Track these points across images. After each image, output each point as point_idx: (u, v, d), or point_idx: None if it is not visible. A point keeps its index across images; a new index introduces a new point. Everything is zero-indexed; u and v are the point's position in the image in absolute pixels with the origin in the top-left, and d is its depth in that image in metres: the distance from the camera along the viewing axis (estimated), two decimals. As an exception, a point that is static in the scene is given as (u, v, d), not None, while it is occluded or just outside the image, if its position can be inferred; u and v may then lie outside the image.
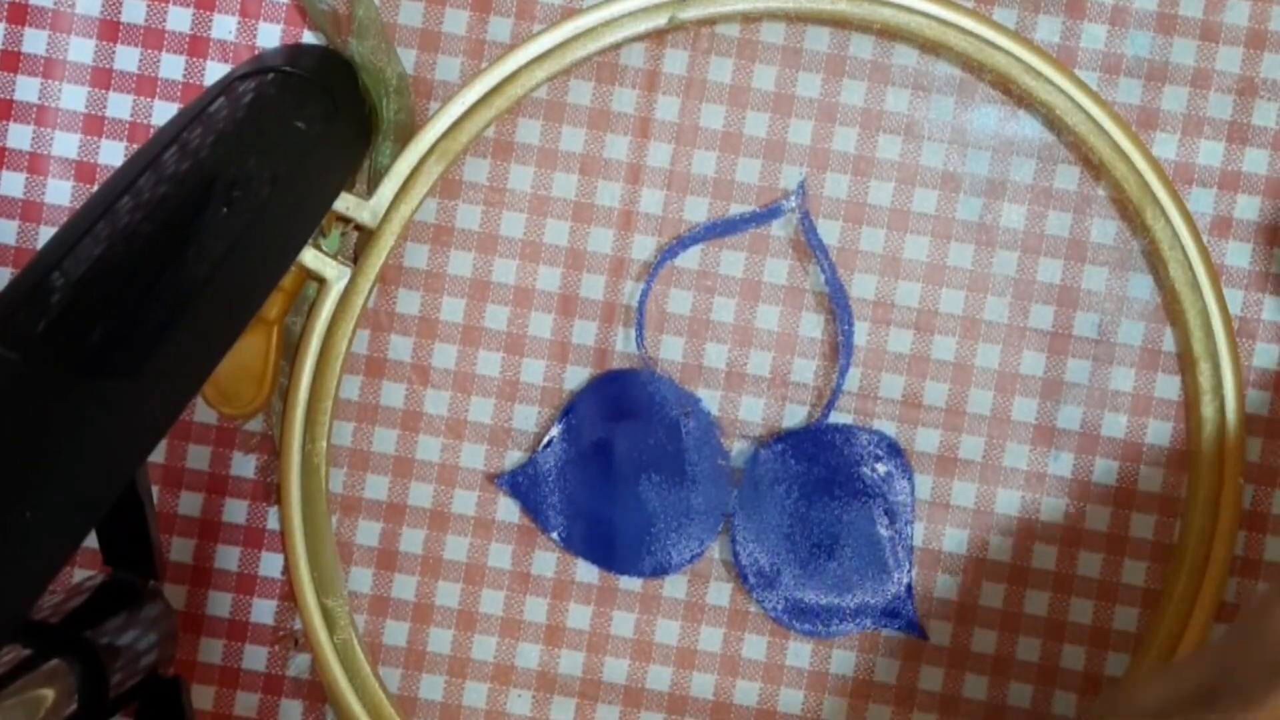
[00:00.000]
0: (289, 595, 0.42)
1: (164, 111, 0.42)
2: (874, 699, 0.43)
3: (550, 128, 0.42)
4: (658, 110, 0.42)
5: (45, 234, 0.43)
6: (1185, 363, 0.42)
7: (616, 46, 0.41)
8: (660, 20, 0.41)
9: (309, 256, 0.40)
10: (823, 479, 0.42)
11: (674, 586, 0.43)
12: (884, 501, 0.42)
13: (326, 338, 0.41)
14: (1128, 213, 0.42)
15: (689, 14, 0.41)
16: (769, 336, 0.43)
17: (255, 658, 0.43)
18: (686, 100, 0.42)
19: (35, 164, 0.42)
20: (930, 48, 0.42)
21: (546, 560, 0.43)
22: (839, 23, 0.42)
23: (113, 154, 0.42)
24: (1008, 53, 0.41)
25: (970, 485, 0.43)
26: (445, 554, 0.43)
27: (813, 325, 0.43)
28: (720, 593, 0.43)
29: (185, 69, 0.42)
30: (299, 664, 0.43)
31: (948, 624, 0.43)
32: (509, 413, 0.43)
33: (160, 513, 0.42)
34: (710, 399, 0.42)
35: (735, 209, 0.42)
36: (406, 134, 0.41)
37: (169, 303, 0.31)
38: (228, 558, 0.43)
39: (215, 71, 0.42)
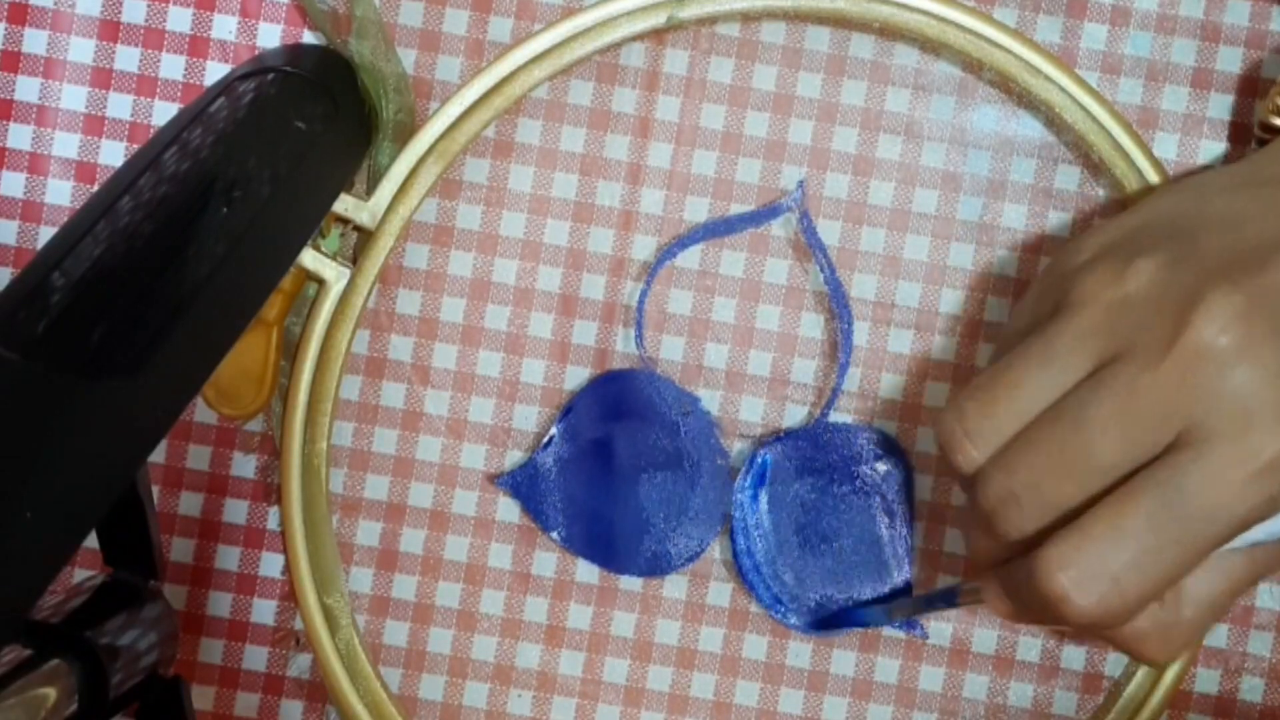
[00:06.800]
0: (289, 595, 0.42)
1: (164, 111, 0.42)
2: (874, 699, 0.43)
3: (550, 128, 0.42)
4: (658, 110, 0.42)
5: (45, 234, 0.43)
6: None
7: (615, 46, 0.41)
8: (659, 19, 0.41)
9: (308, 258, 0.40)
10: (822, 478, 0.42)
11: (674, 586, 0.43)
12: (883, 501, 0.42)
13: (326, 338, 0.41)
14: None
15: (687, 13, 0.41)
16: (769, 336, 0.43)
17: (256, 658, 0.43)
18: (687, 100, 0.42)
19: (35, 164, 0.42)
20: (930, 46, 0.42)
21: (546, 560, 0.43)
22: (838, 21, 0.42)
23: (113, 154, 0.42)
24: (1008, 50, 0.41)
25: (970, 485, 0.43)
26: (445, 554, 0.43)
27: (813, 325, 0.43)
28: (720, 593, 0.43)
29: (185, 69, 0.42)
30: (300, 664, 0.43)
31: (948, 624, 0.43)
32: (509, 413, 0.43)
33: (160, 513, 0.42)
34: (710, 399, 0.42)
35: (735, 209, 0.42)
36: (406, 134, 0.41)
37: (169, 303, 0.31)
38: (228, 558, 0.43)
39: (215, 71, 0.42)
